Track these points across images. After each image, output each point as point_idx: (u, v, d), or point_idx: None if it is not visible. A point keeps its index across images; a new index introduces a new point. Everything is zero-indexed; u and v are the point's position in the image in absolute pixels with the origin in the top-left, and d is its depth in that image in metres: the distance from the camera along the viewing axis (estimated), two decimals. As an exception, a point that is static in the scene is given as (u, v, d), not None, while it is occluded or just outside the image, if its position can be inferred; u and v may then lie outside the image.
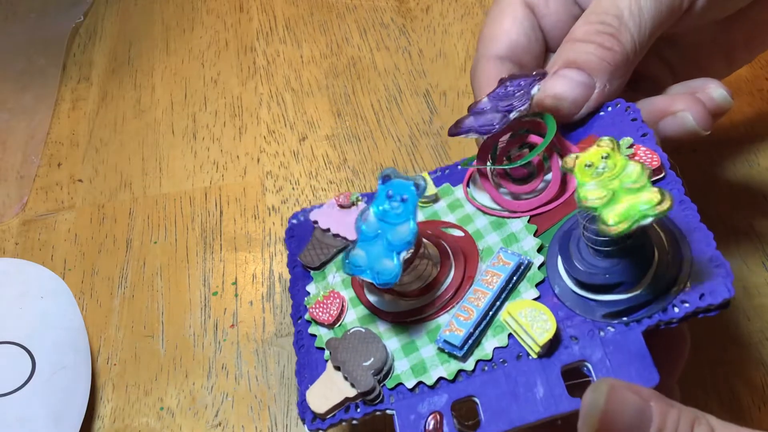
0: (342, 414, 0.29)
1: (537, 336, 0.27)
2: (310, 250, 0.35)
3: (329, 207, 0.36)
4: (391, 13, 0.57)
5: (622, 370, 0.26)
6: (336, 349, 0.30)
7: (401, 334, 0.30)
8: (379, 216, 0.29)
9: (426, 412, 0.28)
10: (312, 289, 0.34)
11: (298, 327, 0.33)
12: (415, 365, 0.29)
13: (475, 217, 0.33)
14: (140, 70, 0.56)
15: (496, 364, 0.28)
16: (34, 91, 0.55)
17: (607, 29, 0.32)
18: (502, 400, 0.27)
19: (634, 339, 0.26)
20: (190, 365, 0.41)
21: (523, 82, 0.32)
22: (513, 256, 0.29)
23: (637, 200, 0.23)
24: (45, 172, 0.51)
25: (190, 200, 0.48)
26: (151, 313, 0.43)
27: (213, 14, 0.59)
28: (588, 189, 0.24)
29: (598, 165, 0.25)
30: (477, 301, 0.29)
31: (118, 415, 0.40)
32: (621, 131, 0.31)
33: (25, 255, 0.46)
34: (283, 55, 0.55)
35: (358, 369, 0.29)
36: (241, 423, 0.39)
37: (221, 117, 0.52)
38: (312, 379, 0.30)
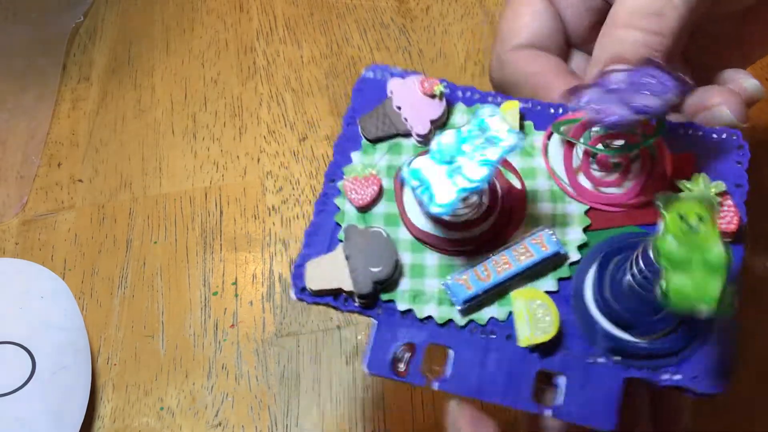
0: (330, 299, 0.28)
1: (534, 332, 0.27)
2: (374, 117, 0.32)
3: (411, 84, 0.32)
4: (391, 13, 0.57)
5: (587, 402, 0.26)
6: (352, 239, 0.29)
7: (417, 252, 0.29)
8: (459, 143, 0.26)
9: (403, 338, 0.28)
10: (356, 158, 0.31)
11: (327, 189, 0.31)
12: (414, 291, 0.28)
13: (539, 175, 0.30)
14: (140, 70, 0.56)
15: (485, 333, 0.28)
16: (34, 91, 0.55)
17: (652, 7, 0.29)
18: (472, 367, 0.27)
19: (614, 380, 0.27)
20: (190, 365, 0.41)
21: (655, 79, 0.28)
22: (553, 244, 0.28)
23: (704, 289, 0.22)
24: (45, 172, 0.51)
25: (190, 200, 0.48)
26: (151, 313, 0.43)
27: (213, 14, 0.59)
28: (669, 243, 0.23)
29: (692, 222, 0.23)
30: (499, 267, 0.28)
31: (118, 415, 0.40)
32: (720, 169, 0.29)
33: (25, 255, 0.46)
34: (283, 55, 0.55)
35: (363, 270, 0.28)
36: (241, 423, 0.39)
37: (221, 117, 0.52)
38: (318, 249, 0.29)
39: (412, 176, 0.26)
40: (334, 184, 0.31)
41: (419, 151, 0.30)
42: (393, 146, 0.31)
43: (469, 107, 0.31)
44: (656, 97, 0.26)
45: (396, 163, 0.30)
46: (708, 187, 0.28)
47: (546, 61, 0.34)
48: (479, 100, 0.32)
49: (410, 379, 0.27)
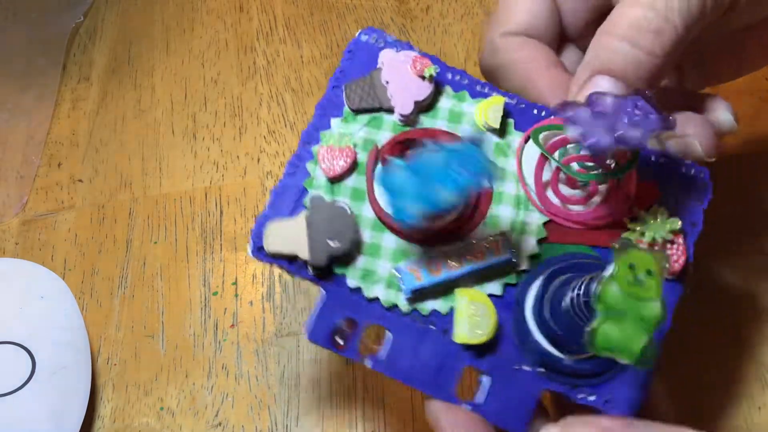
0: (285, 263, 0.29)
1: (470, 332, 0.27)
2: (359, 87, 0.31)
3: (403, 59, 0.31)
4: (391, 13, 0.57)
5: (505, 405, 0.27)
6: (316, 209, 0.29)
7: (377, 232, 0.29)
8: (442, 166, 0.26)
9: (347, 313, 0.28)
10: (335, 125, 0.31)
11: (301, 151, 0.30)
12: (366, 270, 0.29)
13: (508, 177, 0.30)
14: (140, 70, 0.56)
15: (425, 323, 0.28)
16: (34, 91, 0.55)
17: (651, 24, 0.28)
18: (406, 352, 0.28)
19: (534, 389, 0.28)
20: (190, 365, 0.41)
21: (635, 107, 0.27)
22: (507, 252, 0.29)
23: (630, 342, 0.23)
24: (45, 172, 0.51)
25: (190, 200, 0.48)
26: (151, 313, 0.43)
27: (213, 14, 0.59)
28: (613, 290, 0.23)
29: (640, 275, 0.23)
30: (451, 265, 0.28)
31: (118, 415, 0.40)
32: (681, 203, 0.30)
33: (25, 255, 0.46)
34: (283, 55, 0.55)
35: (321, 243, 0.28)
36: (241, 423, 0.39)
37: (221, 117, 0.52)
38: (281, 211, 0.29)
39: (383, 181, 0.26)
40: (308, 147, 0.30)
41: (399, 131, 0.30)
42: (374, 119, 0.31)
43: (456, 93, 0.31)
44: (638, 129, 0.26)
45: (374, 138, 0.30)
46: (664, 222, 0.28)
47: (537, 50, 0.34)
48: (467, 87, 0.31)
49: (346, 353, 0.28)
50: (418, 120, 0.31)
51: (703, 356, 0.38)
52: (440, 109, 0.31)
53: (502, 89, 0.32)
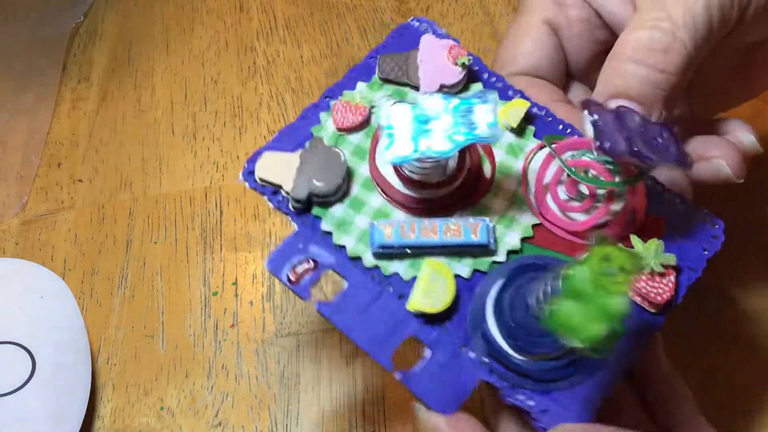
0: (269, 192, 0.30)
1: (423, 301, 0.27)
2: (393, 60, 0.32)
3: (442, 45, 0.32)
4: (391, 12, 0.57)
5: (438, 384, 0.27)
6: (313, 148, 0.30)
7: (366, 190, 0.30)
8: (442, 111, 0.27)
9: (312, 254, 0.29)
10: (360, 87, 0.32)
11: (319, 102, 0.32)
12: (342, 219, 0.30)
13: (512, 175, 0.31)
14: (140, 70, 0.56)
15: (383, 283, 0.29)
16: (34, 91, 0.55)
17: (658, 44, 0.28)
18: (357, 307, 0.28)
19: (471, 377, 0.27)
20: (190, 365, 0.41)
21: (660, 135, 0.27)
22: (485, 236, 0.28)
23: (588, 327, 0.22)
24: (45, 172, 0.51)
25: (190, 200, 0.48)
26: (151, 313, 0.43)
27: (213, 14, 0.59)
28: (581, 274, 0.23)
29: (612, 268, 0.23)
30: (425, 232, 0.28)
31: (118, 415, 0.40)
32: (685, 247, 0.29)
33: (25, 255, 0.46)
34: (283, 55, 0.55)
35: (307, 178, 0.29)
36: (241, 423, 0.39)
37: (221, 117, 0.52)
38: (283, 147, 0.31)
39: (386, 116, 0.27)
40: (327, 101, 0.32)
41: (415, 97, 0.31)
42: (398, 92, 0.32)
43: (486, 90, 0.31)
44: (658, 156, 0.26)
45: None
46: (658, 254, 0.28)
47: (543, 89, 0.34)
48: (499, 89, 0.32)
49: (297, 290, 0.28)
50: None
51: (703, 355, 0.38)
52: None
53: None
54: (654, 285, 0.28)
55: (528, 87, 0.33)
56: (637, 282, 0.27)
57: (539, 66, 0.35)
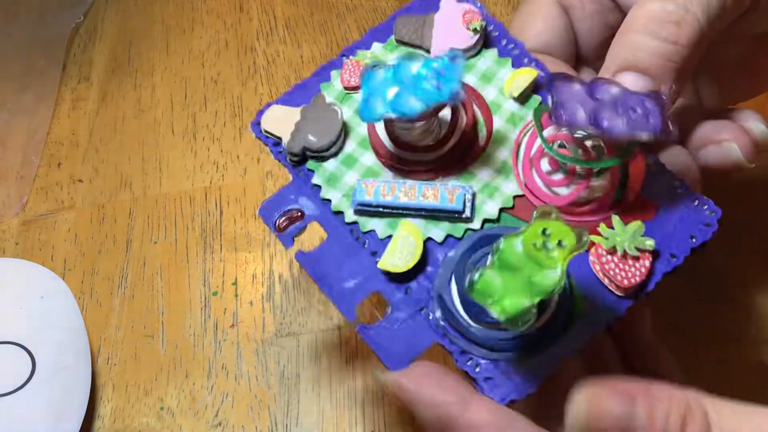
0: (271, 143, 0.32)
1: (388, 259, 0.28)
2: (411, 23, 0.33)
3: (457, 11, 0.32)
4: (390, 12, 0.57)
5: (392, 339, 0.28)
6: (312, 106, 0.31)
7: (361, 148, 0.31)
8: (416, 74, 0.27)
9: (300, 204, 0.30)
10: (375, 48, 0.33)
11: (336, 59, 0.33)
12: (333, 175, 0.31)
13: (505, 144, 0.31)
14: (140, 70, 0.56)
15: (360, 237, 0.30)
16: (34, 91, 0.55)
17: (671, 16, 0.27)
18: (332, 257, 0.29)
19: (426, 338, 0.28)
20: (190, 365, 0.41)
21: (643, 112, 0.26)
22: (461, 203, 0.29)
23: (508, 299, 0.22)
24: (45, 172, 0.51)
25: (190, 200, 0.48)
26: (151, 313, 0.43)
27: (213, 14, 0.59)
28: (514, 246, 0.23)
29: (548, 242, 0.22)
30: (402, 194, 0.29)
31: (118, 415, 0.40)
32: (672, 233, 0.28)
33: (25, 255, 0.46)
34: (283, 55, 0.55)
35: (302, 134, 0.30)
36: (241, 423, 0.39)
37: (221, 117, 0.52)
38: (294, 102, 0.32)
39: (364, 76, 0.28)
40: (338, 60, 0.33)
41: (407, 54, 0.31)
42: (410, 54, 0.31)
43: (500, 58, 0.32)
44: (629, 126, 0.25)
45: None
46: (635, 237, 0.27)
47: (554, 64, 0.33)
48: (515, 56, 0.32)
49: (281, 237, 0.30)
50: None
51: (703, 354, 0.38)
52: (476, 67, 0.32)
53: None
54: (623, 267, 0.27)
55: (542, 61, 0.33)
56: (607, 263, 0.27)
57: (549, 45, 0.34)
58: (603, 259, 0.27)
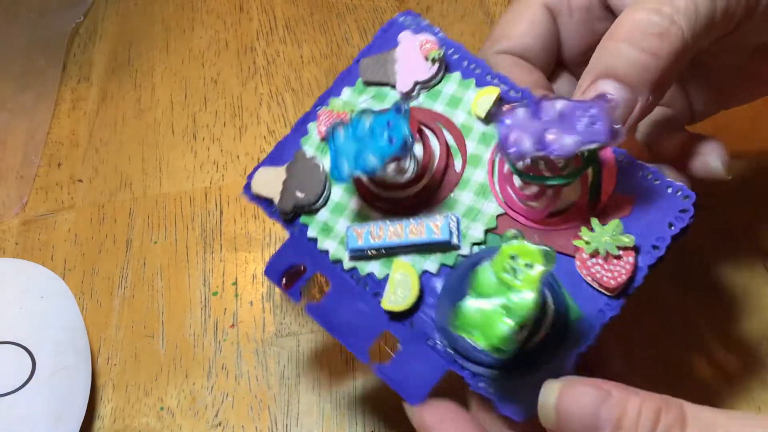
0: (264, 205, 0.32)
1: (390, 298, 0.29)
2: (375, 62, 0.33)
3: (415, 43, 0.32)
4: (391, 13, 0.57)
5: (408, 374, 0.29)
6: (295, 162, 0.32)
7: (347, 193, 0.32)
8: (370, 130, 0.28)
9: (301, 259, 0.31)
10: (345, 93, 0.33)
11: (311, 111, 0.33)
12: (326, 225, 0.31)
13: (480, 165, 0.31)
14: (140, 70, 0.56)
15: (360, 282, 0.30)
16: (34, 91, 0.55)
17: (655, 27, 0.27)
18: (339, 306, 0.30)
19: (438, 368, 0.28)
20: (190, 365, 0.41)
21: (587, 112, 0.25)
22: (447, 233, 0.29)
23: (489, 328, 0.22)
24: (45, 172, 0.51)
25: (190, 200, 0.48)
26: (151, 313, 0.43)
27: (213, 14, 0.59)
28: (486, 274, 0.23)
29: (516, 266, 0.23)
30: (391, 234, 0.30)
31: (118, 415, 0.40)
32: (650, 223, 0.28)
33: (25, 255, 0.46)
34: (283, 55, 0.55)
35: (290, 192, 0.31)
36: (241, 423, 0.39)
37: (221, 117, 0.52)
38: (278, 160, 0.33)
39: (327, 138, 0.29)
40: (314, 110, 0.33)
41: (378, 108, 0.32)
42: (379, 93, 0.33)
43: (464, 80, 0.32)
44: (576, 141, 0.25)
45: (374, 108, 0.32)
46: (614, 236, 0.27)
47: (527, 74, 0.33)
48: (478, 75, 0.32)
49: (289, 293, 0.31)
50: (419, 100, 0.32)
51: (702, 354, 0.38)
52: (442, 92, 0.32)
53: None
54: (608, 268, 0.27)
55: (511, 68, 0.33)
56: (592, 266, 0.27)
57: (530, 48, 0.34)
58: (588, 263, 0.27)
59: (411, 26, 0.33)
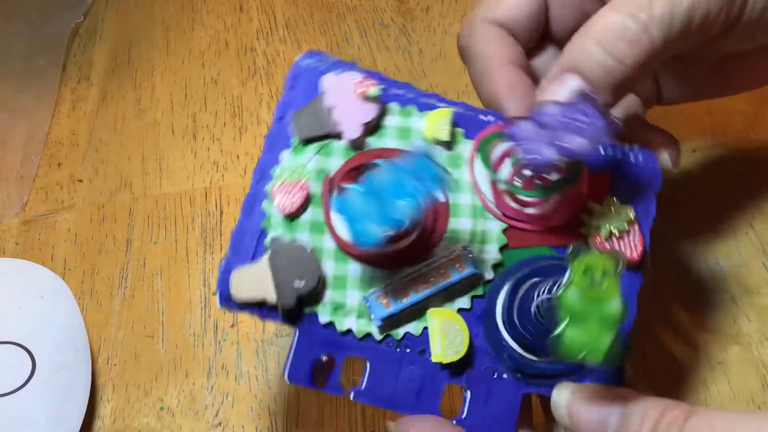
0: (255, 309, 0.28)
1: (446, 352, 0.28)
2: (306, 115, 0.30)
3: (346, 82, 0.30)
4: (391, 13, 0.57)
5: (489, 415, 0.28)
6: (277, 252, 0.29)
7: (340, 262, 0.29)
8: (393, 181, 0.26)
9: (323, 349, 0.28)
10: (286, 159, 0.30)
11: (254, 189, 0.30)
12: (335, 304, 0.29)
13: (463, 188, 0.30)
14: (140, 70, 0.56)
15: (400, 347, 0.29)
16: (34, 91, 0.55)
17: (626, 33, 0.27)
18: (387, 379, 0.28)
19: (514, 396, 0.28)
20: (190, 365, 0.41)
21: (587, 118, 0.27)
22: (470, 265, 0.29)
23: (596, 342, 0.23)
24: (45, 172, 0.51)
25: (190, 200, 0.48)
26: (151, 313, 0.43)
27: (213, 14, 0.59)
28: (572, 295, 0.24)
29: (596, 277, 0.24)
30: (417, 287, 0.29)
31: (118, 415, 0.40)
32: (632, 191, 0.30)
33: (25, 255, 0.46)
34: (283, 55, 0.55)
35: (287, 285, 0.28)
36: (241, 423, 0.39)
37: (221, 117, 0.52)
38: (243, 255, 0.29)
39: (340, 208, 0.26)
40: (261, 186, 0.30)
41: (349, 156, 0.30)
42: (324, 147, 0.30)
43: (403, 108, 0.31)
44: (584, 138, 0.26)
45: (325, 166, 0.30)
46: (618, 213, 0.29)
47: (507, 48, 0.33)
48: (413, 101, 0.31)
49: (328, 390, 0.28)
50: (366, 142, 0.30)
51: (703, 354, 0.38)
52: (388, 128, 0.30)
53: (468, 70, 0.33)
54: (625, 243, 0.29)
55: (493, 41, 0.33)
56: (612, 247, 0.29)
57: (517, 20, 0.34)
58: (606, 245, 0.29)
59: (320, 66, 0.31)
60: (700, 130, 0.44)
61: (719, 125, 0.41)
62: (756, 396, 0.37)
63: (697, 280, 0.40)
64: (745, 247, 0.41)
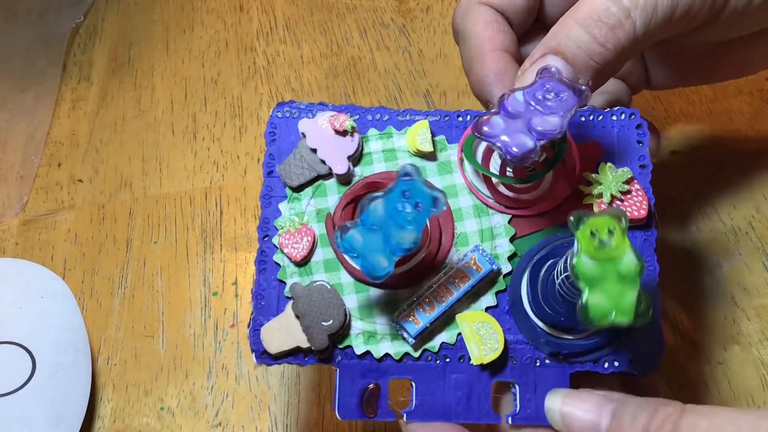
0: (291, 358, 0.29)
1: (483, 353, 0.28)
2: (291, 164, 0.31)
3: (321, 122, 0.31)
4: (391, 13, 0.57)
5: (542, 405, 0.28)
6: (299, 298, 0.29)
7: (361, 293, 0.30)
8: (389, 212, 0.27)
9: (366, 380, 0.29)
10: (284, 209, 0.31)
11: (264, 245, 0.31)
12: (367, 333, 0.29)
13: (460, 191, 0.31)
14: (140, 70, 0.56)
15: (439, 358, 0.29)
16: (34, 91, 0.55)
17: (610, 18, 0.28)
18: (434, 392, 0.29)
19: (561, 378, 0.29)
20: (190, 365, 0.41)
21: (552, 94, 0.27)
22: (486, 263, 0.29)
23: (620, 301, 0.23)
24: (45, 172, 0.51)
25: (190, 200, 0.48)
26: (151, 313, 0.43)
27: (213, 14, 0.59)
28: (584, 263, 0.24)
29: (603, 238, 0.24)
30: (441, 297, 0.29)
31: (118, 415, 0.40)
32: (623, 151, 0.30)
33: (25, 255, 0.46)
34: (283, 55, 0.55)
35: (316, 326, 0.29)
36: (241, 423, 0.39)
37: (221, 117, 0.52)
38: (270, 309, 0.30)
39: (344, 250, 0.26)
40: (268, 241, 0.31)
41: (342, 191, 0.31)
42: (317, 189, 0.31)
43: (381, 132, 0.32)
44: (556, 115, 0.26)
45: (323, 206, 0.31)
46: (615, 176, 0.29)
47: (499, 32, 0.34)
48: (390, 121, 0.32)
49: (380, 417, 0.29)
50: (354, 172, 0.31)
51: (703, 354, 0.38)
52: (372, 154, 0.31)
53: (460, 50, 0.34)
54: (630, 203, 0.29)
55: (486, 25, 0.33)
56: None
57: (511, 2, 0.34)
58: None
59: (294, 114, 0.32)
60: (700, 129, 0.44)
61: (719, 125, 0.41)
62: (756, 396, 0.37)
63: (697, 280, 0.40)
64: (745, 247, 0.41)
